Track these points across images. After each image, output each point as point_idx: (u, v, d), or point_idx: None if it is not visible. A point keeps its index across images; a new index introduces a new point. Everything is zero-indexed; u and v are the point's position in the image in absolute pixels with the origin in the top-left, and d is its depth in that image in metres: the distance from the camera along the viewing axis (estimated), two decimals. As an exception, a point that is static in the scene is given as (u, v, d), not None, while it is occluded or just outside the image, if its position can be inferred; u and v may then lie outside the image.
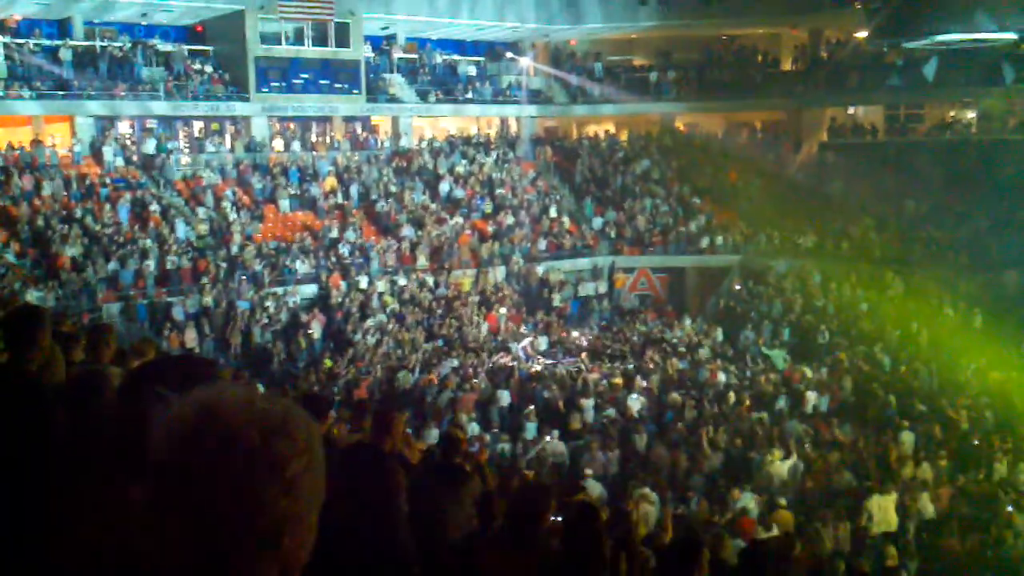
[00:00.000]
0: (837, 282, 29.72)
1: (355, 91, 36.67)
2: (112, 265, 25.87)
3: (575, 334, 28.47)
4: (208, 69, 34.71)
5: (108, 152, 30.78)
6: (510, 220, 34.17)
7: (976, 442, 17.85)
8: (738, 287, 31.11)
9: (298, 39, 35.70)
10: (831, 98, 40.39)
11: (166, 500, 1.26)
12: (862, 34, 39.45)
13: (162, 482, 1.27)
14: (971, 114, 38.68)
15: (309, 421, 1.35)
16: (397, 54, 39.97)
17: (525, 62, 40.94)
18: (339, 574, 3.76)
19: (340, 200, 32.81)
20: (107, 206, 28.16)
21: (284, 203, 31.83)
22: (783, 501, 15.56)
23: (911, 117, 40.61)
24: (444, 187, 35.28)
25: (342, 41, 36.18)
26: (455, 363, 23.73)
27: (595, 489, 15.26)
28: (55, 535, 2.15)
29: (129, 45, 33.31)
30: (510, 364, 24.15)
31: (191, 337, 24.83)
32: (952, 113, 39.31)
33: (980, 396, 20.56)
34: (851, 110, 41.56)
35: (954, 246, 30.06)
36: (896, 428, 18.83)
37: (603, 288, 33.20)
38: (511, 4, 39.31)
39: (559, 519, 5.63)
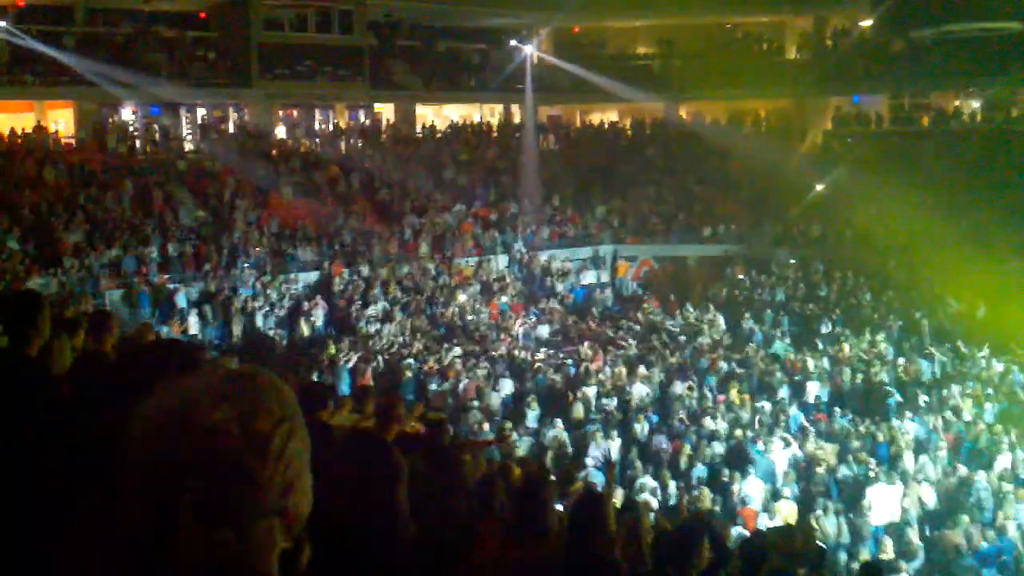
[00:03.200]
0: (840, 271, 29.66)
1: (359, 78, 36.57)
2: (114, 251, 25.83)
3: (577, 322, 28.40)
4: (211, 56, 34.61)
5: (111, 138, 30.73)
6: (513, 208, 34.10)
7: (979, 433, 17.80)
8: (740, 276, 31.05)
9: (302, 26, 35.58)
10: (836, 87, 40.22)
11: (165, 513, 1.25)
12: (867, 23, 39.34)
13: (155, 496, 1.26)
14: (976, 103, 38.53)
15: (278, 385, 1.35)
16: (401, 41, 39.83)
17: (529, 50, 40.79)
18: (341, 563, 3.75)
19: (343, 187, 32.74)
20: (109, 192, 28.12)
21: (287, 190, 31.78)
22: (785, 491, 15.57)
23: (916, 107, 40.47)
24: (447, 175, 35.21)
25: (346, 28, 36.06)
26: (457, 351, 23.71)
27: (596, 478, 15.27)
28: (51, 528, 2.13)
29: (132, 31, 33.22)
30: (512, 352, 24.14)
31: (193, 323, 24.82)
32: (957, 103, 39.16)
33: (983, 386, 20.51)
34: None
35: (958, 236, 29.97)
36: (898, 418, 18.82)
37: (605, 277, 33.16)
38: (515, -8, 39.23)
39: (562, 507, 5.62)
